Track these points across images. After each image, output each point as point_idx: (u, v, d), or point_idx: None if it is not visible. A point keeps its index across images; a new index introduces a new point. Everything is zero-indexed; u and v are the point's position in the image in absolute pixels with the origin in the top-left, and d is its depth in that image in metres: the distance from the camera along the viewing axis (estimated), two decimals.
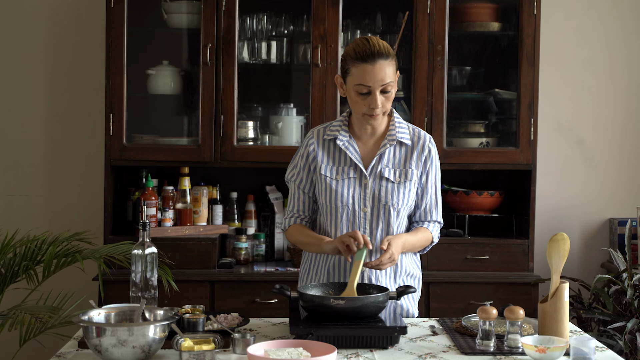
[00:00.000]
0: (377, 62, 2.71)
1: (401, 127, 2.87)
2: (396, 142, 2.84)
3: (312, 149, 2.89)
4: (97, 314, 2.38)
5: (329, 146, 2.88)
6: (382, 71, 2.72)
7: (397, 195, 2.81)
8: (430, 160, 2.88)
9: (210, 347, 2.27)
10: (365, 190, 2.82)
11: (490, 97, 4.32)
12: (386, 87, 2.74)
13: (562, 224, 4.54)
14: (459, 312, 3.91)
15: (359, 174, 2.83)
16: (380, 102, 2.74)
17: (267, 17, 4.23)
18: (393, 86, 2.75)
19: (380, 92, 2.74)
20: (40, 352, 4.14)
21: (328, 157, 2.87)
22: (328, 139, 2.88)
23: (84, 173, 4.45)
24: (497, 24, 4.23)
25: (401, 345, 2.48)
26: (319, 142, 2.89)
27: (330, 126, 2.90)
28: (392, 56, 2.75)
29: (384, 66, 2.72)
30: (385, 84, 2.73)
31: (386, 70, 2.72)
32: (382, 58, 2.72)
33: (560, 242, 2.53)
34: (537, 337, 2.39)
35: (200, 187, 4.17)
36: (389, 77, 2.73)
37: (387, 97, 2.76)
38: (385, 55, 2.72)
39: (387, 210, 2.81)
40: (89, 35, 4.40)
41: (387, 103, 2.77)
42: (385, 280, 2.84)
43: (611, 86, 4.58)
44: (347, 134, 2.86)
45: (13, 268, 3.43)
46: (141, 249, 2.53)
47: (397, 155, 2.85)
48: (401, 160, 2.85)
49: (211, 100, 4.05)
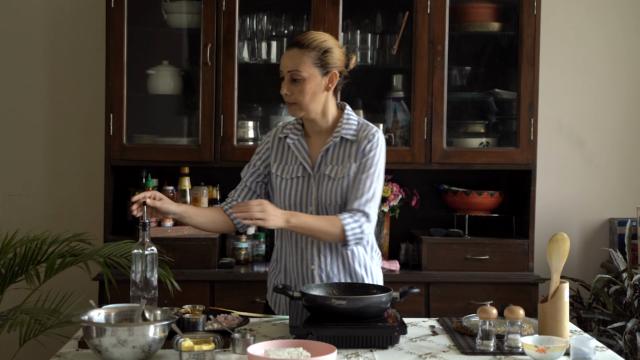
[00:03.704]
0: (291, 49, 2.79)
1: (349, 123, 2.86)
2: (340, 138, 2.84)
3: (267, 147, 2.93)
4: (97, 314, 2.38)
5: (282, 145, 2.91)
6: (290, 57, 2.78)
7: (338, 192, 2.80)
8: (368, 150, 2.81)
9: (210, 347, 2.27)
10: (310, 189, 2.83)
11: (490, 97, 4.32)
12: (293, 75, 2.77)
13: (562, 224, 4.54)
14: (459, 312, 3.91)
15: (306, 173, 2.85)
16: (289, 90, 2.78)
17: (267, 17, 4.23)
18: (305, 78, 2.76)
19: (291, 80, 2.78)
20: (40, 352, 4.14)
21: (281, 155, 2.90)
22: (282, 136, 2.92)
23: (84, 173, 4.45)
24: (497, 24, 4.23)
25: (401, 345, 2.48)
26: (274, 140, 2.93)
27: (287, 125, 2.94)
28: (311, 49, 2.77)
29: (294, 54, 2.78)
30: (291, 71, 2.77)
31: (294, 57, 2.77)
32: (297, 46, 2.78)
33: (560, 242, 2.53)
34: (537, 337, 2.39)
35: (200, 187, 4.17)
36: (295, 65, 2.76)
37: (297, 87, 2.78)
38: (301, 45, 2.77)
39: (331, 208, 2.81)
40: (89, 35, 4.41)
41: (298, 94, 2.78)
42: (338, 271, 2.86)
43: (611, 86, 4.58)
44: (299, 132, 2.88)
45: (13, 268, 3.43)
46: (141, 249, 2.53)
47: (342, 152, 2.84)
48: (345, 156, 2.83)
49: (211, 100, 4.05)
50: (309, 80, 2.77)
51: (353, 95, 4.28)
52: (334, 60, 2.81)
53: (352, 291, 2.68)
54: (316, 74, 2.78)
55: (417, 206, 4.31)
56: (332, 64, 2.80)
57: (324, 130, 2.87)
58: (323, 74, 2.79)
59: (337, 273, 2.85)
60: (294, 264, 2.89)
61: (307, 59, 2.77)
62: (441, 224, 4.39)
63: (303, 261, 2.86)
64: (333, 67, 2.80)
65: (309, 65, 2.77)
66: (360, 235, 2.75)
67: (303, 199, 2.84)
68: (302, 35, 2.82)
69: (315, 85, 2.78)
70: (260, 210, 2.63)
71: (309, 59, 2.77)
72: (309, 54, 2.77)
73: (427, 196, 4.38)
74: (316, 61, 2.78)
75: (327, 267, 2.84)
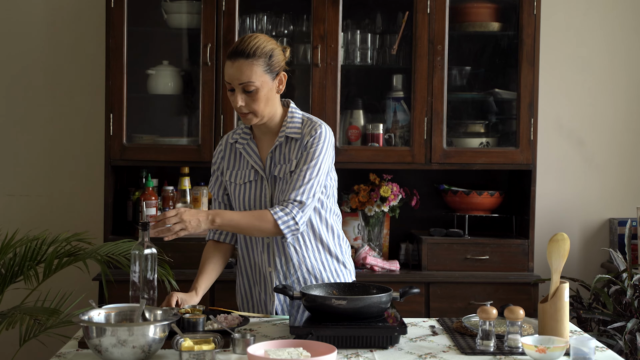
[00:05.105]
0: (236, 61, 2.69)
1: (293, 121, 2.82)
2: (285, 137, 2.81)
3: (221, 156, 2.90)
4: (97, 314, 2.38)
5: (234, 150, 2.88)
6: (239, 70, 2.68)
7: None
8: (310, 145, 2.76)
9: (210, 347, 2.27)
10: (264, 191, 2.81)
11: (490, 97, 4.32)
12: (245, 87, 2.69)
13: (562, 224, 4.54)
14: (459, 312, 3.91)
15: (259, 175, 2.82)
16: (244, 102, 2.71)
17: (267, 17, 4.23)
18: (259, 87, 2.70)
19: (243, 92, 2.70)
20: (40, 352, 4.14)
21: (232, 161, 2.87)
22: (232, 142, 2.88)
23: (84, 173, 4.45)
24: (497, 24, 4.23)
25: (401, 345, 2.47)
26: (226, 147, 2.90)
27: (237, 130, 2.90)
28: (257, 56, 2.69)
29: (242, 65, 2.68)
30: (243, 83, 2.69)
31: (244, 69, 2.68)
32: (243, 57, 2.68)
33: (560, 242, 2.53)
34: (537, 337, 2.39)
35: (200, 187, 4.17)
36: (247, 77, 2.68)
37: (251, 97, 2.71)
38: (247, 55, 2.68)
39: None
40: (89, 35, 4.41)
41: (253, 103, 2.71)
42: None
43: (611, 86, 4.58)
44: (248, 136, 2.85)
45: (13, 268, 3.43)
46: (140, 249, 2.53)
47: (289, 150, 2.81)
48: (290, 155, 2.80)
49: (211, 100, 4.05)
50: (262, 88, 2.71)
51: (353, 95, 4.28)
52: (279, 61, 2.75)
53: (352, 291, 2.68)
54: (267, 80, 2.72)
55: (417, 206, 4.31)
56: (278, 65, 2.75)
57: (272, 131, 2.83)
58: (272, 78, 2.74)
59: (293, 272, 2.84)
60: (251, 268, 2.89)
61: (257, 68, 2.69)
62: (441, 224, 4.39)
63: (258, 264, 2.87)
64: (280, 69, 2.76)
65: (259, 74, 2.70)
66: (294, 227, 2.70)
67: (257, 201, 2.80)
68: (241, 43, 2.71)
69: (267, 91, 2.73)
70: (177, 221, 2.57)
71: (258, 68, 2.70)
72: (257, 62, 2.69)
73: (427, 196, 4.38)
74: (265, 68, 2.71)
75: (282, 267, 2.83)
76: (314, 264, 2.85)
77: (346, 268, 2.95)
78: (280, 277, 2.84)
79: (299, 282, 2.84)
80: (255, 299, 2.91)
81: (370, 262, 4.10)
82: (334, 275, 2.90)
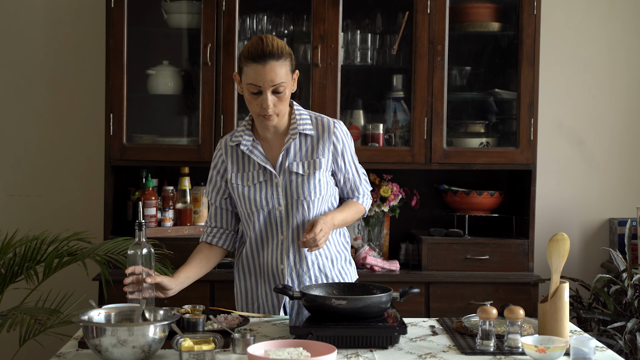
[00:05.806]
0: (267, 63, 2.69)
1: (303, 118, 2.84)
2: (299, 134, 2.83)
3: (222, 160, 2.89)
4: (97, 314, 2.38)
5: (236, 153, 2.87)
6: (272, 71, 2.69)
7: (308, 187, 2.80)
8: (339, 143, 2.84)
9: (210, 347, 2.27)
10: (277, 189, 2.81)
11: (490, 97, 4.32)
12: (277, 88, 2.71)
13: (562, 224, 4.54)
14: (459, 312, 3.91)
15: (269, 175, 2.82)
16: (272, 102, 2.72)
17: (267, 17, 4.23)
18: (287, 87, 2.73)
19: (272, 93, 2.72)
20: (40, 352, 4.14)
21: (237, 164, 2.86)
22: (233, 145, 2.87)
23: (84, 173, 4.45)
24: (497, 24, 4.23)
25: (401, 345, 2.47)
26: (227, 151, 2.89)
27: (235, 132, 2.89)
28: (285, 56, 2.72)
29: (274, 67, 2.69)
30: (275, 85, 2.70)
31: (277, 70, 2.69)
32: (274, 59, 2.69)
33: (560, 242, 2.53)
34: (537, 337, 2.39)
35: (200, 187, 4.17)
36: (280, 78, 2.70)
37: (279, 97, 2.73)
38: (277, 56, 2.69)
39: (300, 204, 2.81)
40: (89, 35, 4.40)
41: (280, 104, 2.74)
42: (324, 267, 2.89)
43: (611, 86, 4.58)
44: (251, 137, 2.85)
45: (13, 268, 3.43)
46: (137, 249, 2.53)
47: (304, 147, 2.83)
48: (308, 151, 2.83)
49: (211, 100, 4.05)
50: (288, 88, 2.75)
51: (353, 95, 4.28)
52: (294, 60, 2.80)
53: (352, 291, 2.68)
54: (290, 79, 2.76)
55: (417, 206, 4.31)
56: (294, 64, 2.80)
57: (280, 130, 2.84)
58: (292, 77, 2.77)
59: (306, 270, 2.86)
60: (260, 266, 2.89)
61: (286, 68, 2.72)
62: (441, 224, 4.39)
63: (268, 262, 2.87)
64: (295, 67, 2.80)
65: (287, 73, 2.73)
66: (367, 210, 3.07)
67: (269, 200, 2.82)
68: (265, 45, 2.71)
69: (289, 91, 2.77)
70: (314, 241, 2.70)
71: (287, 68, 2.73)
72: (285, 63, 2.72)
73: (427, 196, 4.38)
74: (290, 67, 2.74)
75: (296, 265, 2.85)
76: (325, 262, 2.88)
77: (351, 265, 2.99)
78: (293, 275, 2.85)
79: (310, 280, 2.86)
80: (262, 299, 2.91)
81: (370, 262, 4.10)
82: (342, 273, 2.93)
